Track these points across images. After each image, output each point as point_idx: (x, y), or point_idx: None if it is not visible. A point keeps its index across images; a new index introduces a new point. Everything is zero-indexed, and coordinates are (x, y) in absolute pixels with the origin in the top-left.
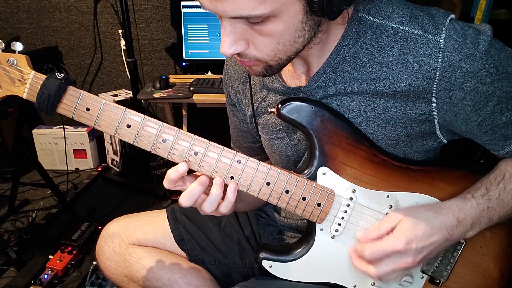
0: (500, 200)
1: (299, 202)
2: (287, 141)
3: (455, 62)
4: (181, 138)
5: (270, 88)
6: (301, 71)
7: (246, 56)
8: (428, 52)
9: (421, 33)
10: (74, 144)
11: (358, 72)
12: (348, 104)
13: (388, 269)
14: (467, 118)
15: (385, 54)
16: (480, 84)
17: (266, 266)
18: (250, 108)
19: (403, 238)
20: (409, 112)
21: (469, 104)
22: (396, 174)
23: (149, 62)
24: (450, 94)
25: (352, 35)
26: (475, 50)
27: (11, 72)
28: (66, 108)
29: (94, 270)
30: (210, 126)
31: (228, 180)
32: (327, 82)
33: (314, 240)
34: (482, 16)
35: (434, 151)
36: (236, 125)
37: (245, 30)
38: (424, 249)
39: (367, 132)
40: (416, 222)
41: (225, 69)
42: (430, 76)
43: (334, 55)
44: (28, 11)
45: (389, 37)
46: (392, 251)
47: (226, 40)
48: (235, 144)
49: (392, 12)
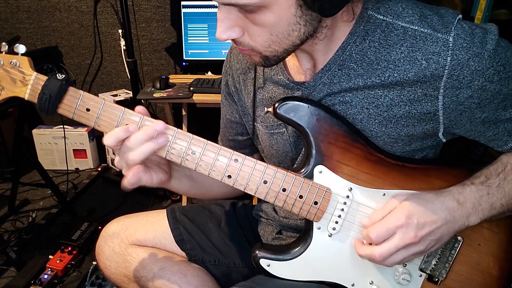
0: (500, 189)
1: (296, 201)
2: (286, 137)
3: (464, 60)
4: (179, 137)
5: (274, 81)
6: (306, 67)
7: (241, 44)
8: (437, 50)
9: (431, 32)
10: (74, 144)
11: (364, 70)
12: (351, 100)
13: (392, 247)
14: (472, 116)
15: (393, 52)
16: (487, 83)
17: (264, 265)
18: (251, 98)
19: (403, 212)
20: (414, 111)
21: (475, 102)
22: (393, 172)
23: (149, 62)
24: (458, 92)
25: (360, 32)
26: (483, 49)
27: (14, 74)
28: (66, 108)
29: (94, 270)
30: (210, 126)
31: (225, 179)
32: (332, 79)
33: (312, 238)
34: (482, 16)
35: (433, 150)
36: (227, 115)
37: (240, 18)
38: (426, 226)
39: (366, 129)
40: (418, 201)
41: (228, 57)
42: (438, 73)
43: (340, 52)
44: (28, 11)
45: (398, 36)
46: (394, 227)
47: (221, 26)
48: (220, 137)
49: (402, 11)
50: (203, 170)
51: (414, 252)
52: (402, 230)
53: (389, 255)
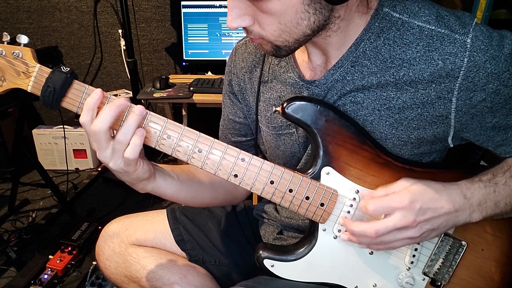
0: (506, 187)
1: (302, 202)
2: (295, 137)
3: (481, 62)
4: (186, 135)
5: (282, 79)
6: (317, 63)
7: (252, 33)
8: (454, 51)
9: (448, 32)
10: (74, 144)
11: (378, 68)
12: (362, 101)
13: (390, 225)
14: (483, 120)
15: (408, 51)
16: (502, 86)
17: (267, 265)
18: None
19: (408, 196)
20: (426, 113)
21: (487, 105)
22: (400, 175)
23: (149, 62)
24: (472, 94)
25: (375, 29)
26: (501, 52)
27: (16, 65)
28: (71, 102)
29: (94, 270)
30: (210, 126)
31: (231, 178)
32: (345, 76)
33: (317, 240)
34: (482, 16)
35: (440, 154)
36: (230, 115)
37: (249, 6)
38: (428, 212)
39: (376, 131)
40: (426, 188)
41: (232, 55)
42: (454, 74)
43: (354, 48)
44: (28, 11)
45: (414, 35)
46: (395, 207)
47: (231, 14)
48: (221, 138)
49: (418, 10)
50: (209, 168)
51: (408, 236)
52: (403, 212)
53: (385, 232)
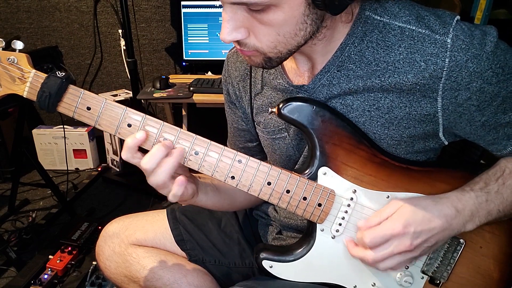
0: (499, 195)
1: (300, 202)
2: (288, 141)
3: (462, 62)
4: (182, 137)
5: (272, 85)
6: (304, 69)
7: (246, 45)
8: (435, 52)
9: (428, 33)
10: (74, 144)
11: (363, 71)
12: (352, 103)
13: (386, 253)
14: (471, 119)
15: (392, 53)
16: (486, 84)
17: (266, 266)
18: (250, 105)
19: (401, 221)
20: (414, 112)
21: (474, 104)
22: (397, 174)
23: (149, 62)
24: (456, 94)
25: (358, 33)
26: (482, 50)
27: (11, 71)
28: (66, 107)
29: (94, 270)
30: (210, 126)
31: (228, 180)
32: (331, 81)
33: (315, 240)
34: (482, 16)
35: (434, 152)
36: (234, 124)
37: (246, 18)
38: (422, 234)
39: (369, 132)
40: (416, 208)
41: (225, 65)
42: (436, 75)
43: (339, 53)
44: (28, 11)
45: (395, 36)
46: (390, 234)
47: (226, 27)
48: (230, 145)
49: (398, 11)
50: (206, 170)
51: (407, 258)
52: (398, 238)
53: (382, 260)
